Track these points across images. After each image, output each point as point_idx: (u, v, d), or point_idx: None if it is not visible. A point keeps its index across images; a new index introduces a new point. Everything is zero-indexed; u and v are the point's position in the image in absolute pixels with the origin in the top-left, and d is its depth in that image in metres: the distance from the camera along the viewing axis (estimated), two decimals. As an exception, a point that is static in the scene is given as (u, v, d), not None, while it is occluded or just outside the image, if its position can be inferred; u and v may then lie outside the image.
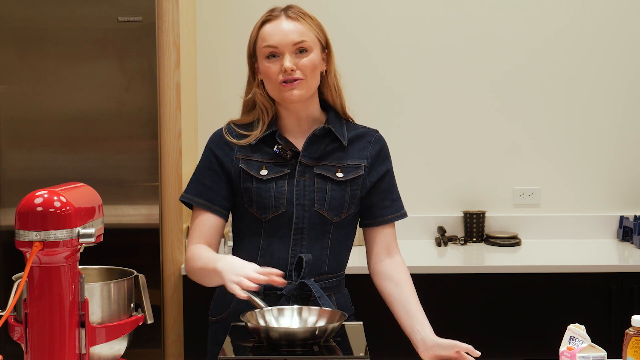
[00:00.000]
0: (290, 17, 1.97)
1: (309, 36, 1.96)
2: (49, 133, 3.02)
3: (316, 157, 2.01)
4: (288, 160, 2.00)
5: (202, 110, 3.52)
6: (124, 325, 1.56)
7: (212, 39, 3.54)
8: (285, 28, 1.95)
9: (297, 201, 1.98)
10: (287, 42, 1.94)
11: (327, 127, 2.02)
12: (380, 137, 2.11)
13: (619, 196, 3.62)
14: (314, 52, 1.96)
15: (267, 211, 1.97)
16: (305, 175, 2.00)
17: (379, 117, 3.55)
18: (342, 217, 2.01)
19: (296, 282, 1.96)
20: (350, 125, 2.09)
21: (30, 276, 1.44)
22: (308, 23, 1.98)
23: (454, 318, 3.04)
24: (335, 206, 1.99)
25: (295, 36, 1.95)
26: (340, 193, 2.00)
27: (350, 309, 2.09)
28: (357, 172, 2.02)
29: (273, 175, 1.99)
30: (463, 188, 3.62)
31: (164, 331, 3.06)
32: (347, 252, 2.09)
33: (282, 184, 1.98)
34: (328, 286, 2.01)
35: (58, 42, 2.99)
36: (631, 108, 3.60)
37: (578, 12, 3.58)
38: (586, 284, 3.03)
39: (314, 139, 2.02)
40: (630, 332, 1.69)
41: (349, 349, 1.69)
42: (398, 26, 3.58)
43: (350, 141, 2.05)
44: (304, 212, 1.98)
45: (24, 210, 1.42)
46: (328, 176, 2.00)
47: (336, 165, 2.02)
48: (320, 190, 1.99)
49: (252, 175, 1.99)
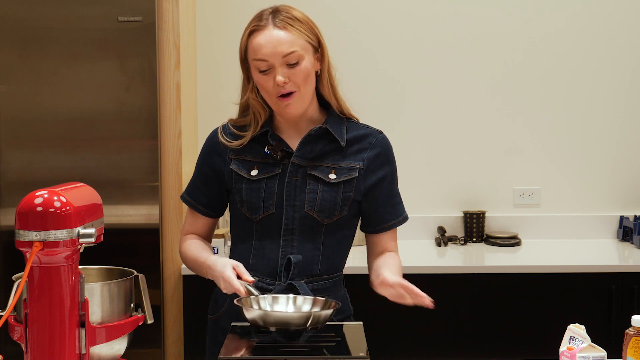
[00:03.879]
0: (278, 25, 1.90)
1: (299, 43, 1.90)
2: (49, 133, 3.02)
3: (311, 157, 1.99)
4: (279, 160, 1.98)
5: (202, 110, 3.53)
6: (124, 325, 1.56)
7: (212, 39, 3.54)
8: (274, 39, 1.89)
9: (286, 202, 1.96)
10: (276, 55, 1.89)
11: (324, 127, 1.99)
12: (382, 139, 2.06)
13: (619, 196, 3.62)
14: (305, 60, 1.91)
15: (257, 211, 1.97)
16: (297, 175, 1.98)
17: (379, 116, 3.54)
18: (334, 220, 1.98)
19: (284, 284, 1.95)
20: (353, 126, 2.05)
21: (30, 276, 1.44)
22: (297, 29, 1.91)
23: (454, 318, 3.04)
24: (326, 208, 1.97)
25: (284, 47, 1.88)
26: (331, 195, 1.97)
27: (348, 309, 2.08)
28: (350, 175, 1.99)
29: (263, 175, 1.98)
30: (463, 188, 3.62)
31: (164, 331, 3.06)
32: (342, 254, 2.06)
33: (273, 184, 1.97)
34: (321, 288, 1.99)
35: (58, 42, 2.99)
36: (631, 108, 3.61)
37: (578, 12, 3.58)
38: (586, 284, 3.03)
39: (310, 139, 1.99)
40: (630, 332, 1.69)
41: (349, 349, 1.69)
42: (399, 25, 3.58)
43: (350, 142, 2.02)
44: (294, 213, 1.97)
45: (24, 210, 1.42)
46: (320, 177, 1.97)
47: (331, 166, 1.99)
48: (311, 192, 1.97)
49: (243, 176, 1.99)
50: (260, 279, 1.96)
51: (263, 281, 1.96)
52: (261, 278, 1.97)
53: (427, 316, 3.05)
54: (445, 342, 3.03)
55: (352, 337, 1.76)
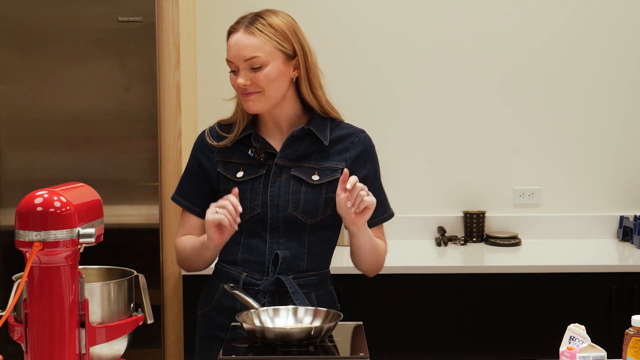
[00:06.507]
0: (247, 31, 1.97)
1: (265, 49, 1.95)
2: (49, 133, 3.02)
3: (294, 158, 2.03)
4: (262, 162, 2.03)
5: (202, 110, 3.52)
6: (124, 325, 1.56)
7: (212, 39, 3.54)
8: (240, 43, 1.97)
9: (271, 202, 2.01)
10: (239, 58, 1.97)
11: (307, 127, 2.03)
12: (364, 138, 2.09)
13: (619, 196, 3.62)
14: (270, 65, 1.96)
15: (243, 212, 1.98)
16: (281, 176, 2.02)
17: (379, 116, 3.55)
18: (318, 220, 2.02)
19: (272, 278, 2.00)
20: (337, 126, 2.08)
21: (30, 276, 1.44)
22: (265, 35, 1.96)
23: (454, 318, 3.04)
24: (310, 209, 2.01)
25: (247, 52, 1.96)
26: (314, 196, 2.01)
27: (335, 307, 2.09)
28: (333, 175, 2.03)
29: (249, 177, 2.03)
30: (463, 188, 3.62)
31: (164, 331, 3.06)
32: (328, 251, 2.11)
33: (258, 185, 2.02)
34: (307, 283, 2.04)
35: (58, 42, 2.99)
36: (631, 108, 3.60)
37: (579, 12, 3.58)
38: (586, 284, 3.03)
39: (293, 140, 2.04)
40: (630, 332, 1.69)
41: (349, 349, 1.69)
42: (398, 24, 3.58)
43: (333, 142, 2.06)
44: (279, 213, 2.01)
45: (24, 210, 1.42)
46: (303, 179, 2.02)
47: (314, 167, 2.03)
48: (294, 193, 2.01)
49: (229, 178, 2.04)
50: (248, 274, 2.02)
51: (252, 276, 2.02)
52: (250, 273, 2.02)
53: (427, 316, 3.06)
54: (445, 342, 3.03)
55: (352, 337, 1.76)
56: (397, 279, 2.98)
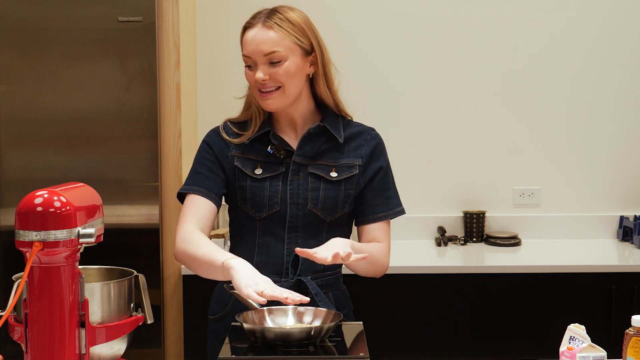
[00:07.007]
0: (266, 25, 1.95)
1: (284, 44, 1.95)
2: (49, 133, 3.02)
3: (311, 155, 2.03)
4: (282, 159, 2.02)
5: (202, 110, 3.52)
6: (124, 325, 1.56)
7: (212, 39, 3.54)
8: (258, 38, 1.95)
9: (290, 200, 2.00)
10: (258, 53, 1.95)
11: (322, 125, 2.03)
12: (375, 135, 2.11)
13: (619, 196, 3.62)
14: (289, 60, 1.95)
15: (261, 210, 1.99)
16: (299, 174, 2.02)
17: (379, 116, 3.55)
18: (336, 217, 2.03)
19: (292, 280, 1.98)
20: (347, 124, 2.10)
21: (30, 276, 1.44)
22: (285, 30, 1.95)
23: (454, 318, 3.04)
24: (329, 205, 2.01)
25: (266, 47, 1.94)
26: (333, 192, 2.01)
27: (349, 305, 2.11)
28: (351, 172, 2.03)
29: (267, 174, 2.01)
30: (463, 188, 3.62)
31: (164, 331, 3.06)
32: None
33: (277, 183, 2.00)
34: (325, 283, 2.03)
35: (58, 42, 2.99)
36: (631, 108, 3.60)
37: (579, 13, 3.58)
38: (586, 284, 3.03)
39: (309, 137, 2.03)
40: (630, 332, 1.69)
41: (349, 349, 1.69)
42: (399, 25, 3.58)
43: (347, 139, 2.06)
44: (298, 211, 2.00)
45: (24, 210, 1.42)
46: (322, 175, 2.01)
47: (331, 164, 2.03)
48: (313, 190, 2.01)
49: (247, 174, 2.01)
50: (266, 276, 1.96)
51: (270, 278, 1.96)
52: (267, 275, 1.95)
53: (427, 316, 3.06)
54: (445, 342, 3.03)
55: (352, 337, 1.76)
56: (397, 279, 2.98)
